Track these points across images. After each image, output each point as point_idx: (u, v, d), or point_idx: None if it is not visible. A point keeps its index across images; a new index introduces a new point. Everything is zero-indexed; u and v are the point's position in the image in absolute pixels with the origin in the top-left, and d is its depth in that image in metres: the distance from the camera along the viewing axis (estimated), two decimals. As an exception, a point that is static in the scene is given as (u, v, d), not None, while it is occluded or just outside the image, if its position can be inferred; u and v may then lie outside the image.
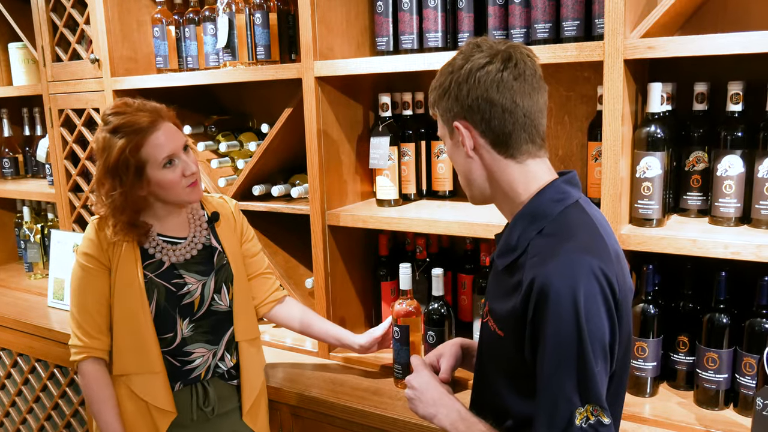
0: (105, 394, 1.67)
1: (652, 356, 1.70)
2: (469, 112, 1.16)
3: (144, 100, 1.67)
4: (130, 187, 1.60)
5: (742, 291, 1.64)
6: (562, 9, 1.72)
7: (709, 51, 1.43)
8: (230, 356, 1.78)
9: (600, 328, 1.06)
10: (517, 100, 1.15)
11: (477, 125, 1.17)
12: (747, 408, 1.60)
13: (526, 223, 1.17)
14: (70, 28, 2.64)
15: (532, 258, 1.12)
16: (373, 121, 2.22)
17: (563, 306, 1.04)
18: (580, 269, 1.06)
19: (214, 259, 1.76)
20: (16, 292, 3.04)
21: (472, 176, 1.22)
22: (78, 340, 1.67)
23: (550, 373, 1.07)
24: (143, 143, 1.58)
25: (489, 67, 1.14)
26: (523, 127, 1.16)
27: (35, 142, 3.28)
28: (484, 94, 1.14)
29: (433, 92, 1.23)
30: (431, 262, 2.13)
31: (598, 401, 1.05)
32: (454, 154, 1.24)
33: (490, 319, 1.23)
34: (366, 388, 1.93)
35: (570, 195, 1.18)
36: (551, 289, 1.05)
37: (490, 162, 1.19)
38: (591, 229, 1.14)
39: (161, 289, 1.67)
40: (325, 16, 1.97)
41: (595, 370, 1.05)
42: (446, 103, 1.19)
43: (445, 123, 1.22)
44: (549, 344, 1.06)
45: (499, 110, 1.14)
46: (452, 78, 1.17)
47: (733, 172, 1.58)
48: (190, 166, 1.65)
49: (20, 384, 2.80)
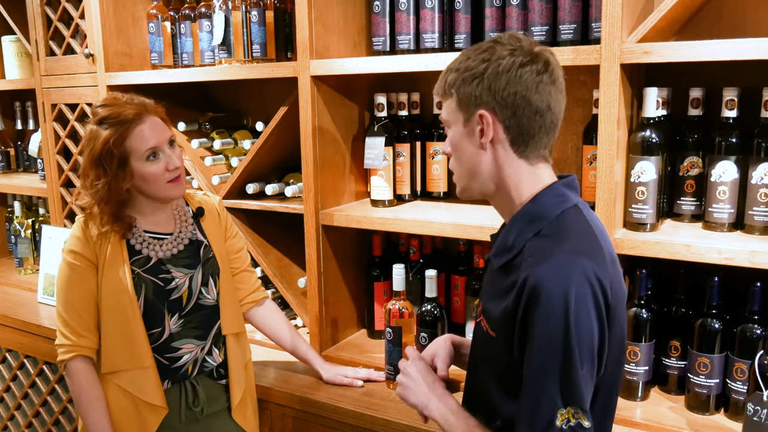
0: (94, 394, 1.65)
1: (644, 360, 1.70)
2: (501, 106, 1.13)
3: (134, 95, 1.68)
4: (114, 178, 1.60)
5: (734, 297, 1.65)
6: (559, 12, 1.72)
7: (705, 57, 1.43)
8: (218, 351, 1.77)
9: (589, 332, 1.06)
10: (551, 105, 1.14)
11: (505, 120, 1.14)
12: (738, 413, 1.61)
13: (523, 224, 1.17)
14: (65, 22, 2.62)
15: (528, 258, 1.12)
16: (368, 121, 2.22)
17: (554, 306, 1.04)
18: (574, 271, 1.06)
19: (200, 253, 1.76)
20: (5, 287, 3.02)
21: (478, 169, 1.18)
22: (65, 338, 1.65)
23: (535, 372, 1.07)
24: (128, 135, 1.59)
25: (532, 67, 1.12)
26: (547, 132, 1.16)
27: (27, 136, 3.26)
28: (524, 92, 1.12)
29: (454, 73, 1.17)
30: (424, 264, 2.13)
31: (580, 404, 1.05)
32: (462, 142, 1.19)
33: (483, 320, 1.23)
34: (357, 389, 1.92)
35: (569, 198, 1.18)
36: (543, 288, 1.05)
37: (503, 159, 1.17)
38: (588, 233, 1.14)
39: (149, 284, 1.67)
40: (322, 14, 1.96)
41: (581, 373, 1.05)
42: (473, 88, 1.14)
43: (462, 108, 1.16)
44: (536, 344, 1.06)
45: (532, 111, 1.13)
46: (489, 66, 1.12)
47: (727, 177, 1.59)
48: (173, 160, 1.65)
49: (8, 380, 2.78)
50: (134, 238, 1.68)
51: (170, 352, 1.70)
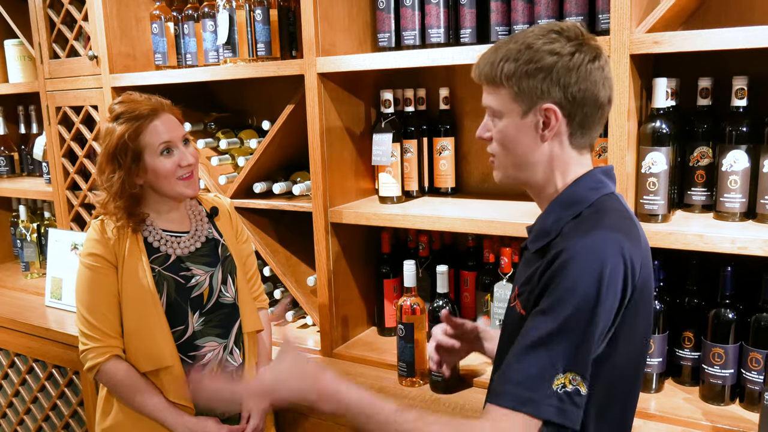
0: (142, 382, 1.65)
1: (657, 352, 1.69)
2: (571, 102, 1.11)
3: (151, 95, 1.70)
4: (128, 173, 1.62)
5: (748, 286, 1.64)
6: (566, 4, 1.71)
7: (714, 45, 1.43)
8: (239, 351, 1.78)
9: (611, 307, 1.06)
10: (611, 98, 1.16)
11: (572, 115, 1.13)
12: (753, 403, 1.60)
13: (562, 208, 1.17)
14: (68, 24, 2.62)
15: (565, 236, 1.12)
16: (375, 118, 2.21)
17: (588, 272, 1.03)
18: (610, 245, 1.06)
19: (218, 251, 1.77)
20: (12, 291, 3.01)
21: (531, 159, 1.16)
22: (94, 341, 1.64)
23: (548, 326, 1.04)
24: (142, 129, 1.61)
25: (598, 63, 1.12)
26: (601, 125, 1.17)
27: (31, 140, 3.25)
28: (594, 88, 1.11)
29: (512, 63, 1.12)
30: (434, 260, 2.12)
31: (582, 370, 1.04)
32: (517, 133, 1.16)
33: (518, 303, 1.20)
34: (370, 387, 1.89)
35: (606, 185, 1.18)
36: (578, 255, 1.05)
37: (558, 150, 1.16)
38: (625, 216, 1.15)
39: (170, 282, 1.67)
40: (327, 12, 1.96)
41: (593, 341, 1.04)
42: (539, 83, 1.11)
43: (523, 100, 1.13)
44: (556, 303, 1.04)
45: (598, 107, 1.14)
46: (559, 61, 1.10)
47: (738, 167, 1.58)
48: (187, 157, 1.66)
49: (17, 384, 2.77)
50: (151, 236, 1.69)
51: (194, 350, 1.69)
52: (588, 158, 1.20)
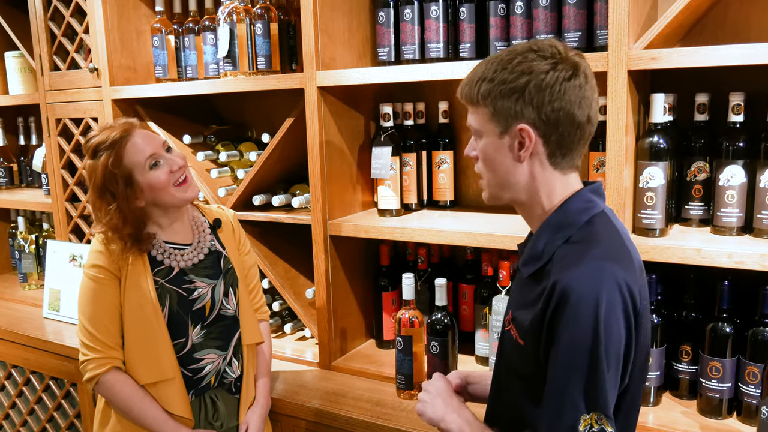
0: (141, 393, 1.65)
1: (655, 366, 1.70)
2: (544, 122, 1.10)
3: (116, 119, 1.73)
4: (125, 200, 1.62)
5: (745, 300, 1.65)
6: (564, 20, 1.73)
7: (711, 62, 1.45)
8: (237, 363, 1.77)
9: (617, 338, 1.06)
10: (590, 116, 1.13)
11: (546, 134, 1.11)
12: (750, 417, 1.61)
13: (552, 231, 1.16)
14: (69, 36, 2.63)
15: (558, 264, 1.12)
16: (374, 131, 2.22)
17: (583, 311, 1.04)
18: (605, 277, 1.06)
19: (221, 263, 1.77)
20: (10, 303, 3.01)
21: (512, 179, 1.16)
22: (94, 353, 1.64)
23: (560, 375, 1.07)
24: (123, 152, 1.62)
25: (575, 81, 1.09)
26: (584, 143, 1.16)
27: (30, 151, 3.26)
28: (569, 108, 1.09)
29: (488, 84, 1.12)
30: (432, 272, 2.13)
31: (604, 410, 1.05)
32: (496, 153, 1.15)
33: (512, 328, 1.22)
34: (368, 399, 1.92)
35: (596, 204, 1.17)
36: (573, 293, 1.05)
37: (538, 171, 1.15)
38: (616, 239, 1.14)
39: (173, 295, 1.67)
40: (327, 26, 1.97)
41: (607, 378, 1.05)
42: (512, 103, 1.10)
43: (499, 120, 1.13)
44: (563, 348, 1.06)
45: (575, 126, 1.11)
46: (531, 80, 1.08)
47: (735, 182, 1.59)
48: (175, 161, 1.67)
49: (14, 396, 2.76)
50: (155, 249, 1.69)
51: (193, 363, 1.70)
52: (574, 177, 1.19)
